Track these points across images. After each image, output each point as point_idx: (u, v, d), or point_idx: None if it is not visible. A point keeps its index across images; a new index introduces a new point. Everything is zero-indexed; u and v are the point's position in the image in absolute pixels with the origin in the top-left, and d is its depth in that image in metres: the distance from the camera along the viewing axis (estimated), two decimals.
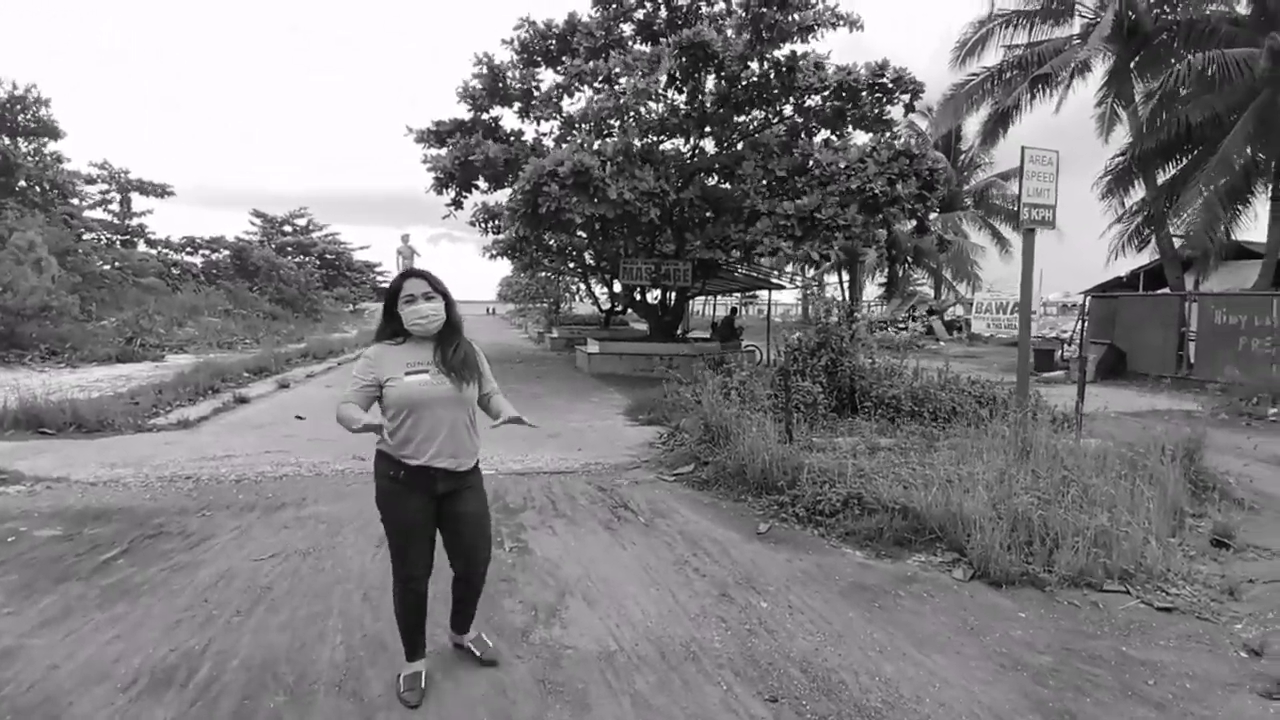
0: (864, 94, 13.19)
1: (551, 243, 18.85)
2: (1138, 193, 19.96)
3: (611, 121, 11.77)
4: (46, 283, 13.86)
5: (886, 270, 34.93)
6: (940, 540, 4.29)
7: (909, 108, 13.92)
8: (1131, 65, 19.52)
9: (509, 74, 13.85)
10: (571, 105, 14.29)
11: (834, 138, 13.59)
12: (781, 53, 11.55)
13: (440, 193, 14.60)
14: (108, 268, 23.12)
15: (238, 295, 28.68)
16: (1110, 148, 20.23)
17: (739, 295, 26.83)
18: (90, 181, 33.83)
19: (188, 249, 36.29)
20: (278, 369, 12.79)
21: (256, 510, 4.93)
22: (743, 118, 13.33)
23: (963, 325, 30.57)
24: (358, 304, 45.77)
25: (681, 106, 13.00)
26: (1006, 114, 19.51)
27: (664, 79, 11.61)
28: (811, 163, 11.68)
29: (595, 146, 10.91)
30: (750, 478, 5.39)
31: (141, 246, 34.12)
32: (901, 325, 33.20)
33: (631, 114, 11.70)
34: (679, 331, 17.11)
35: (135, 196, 35.62)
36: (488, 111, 14.91)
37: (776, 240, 10.58)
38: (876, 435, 6.63)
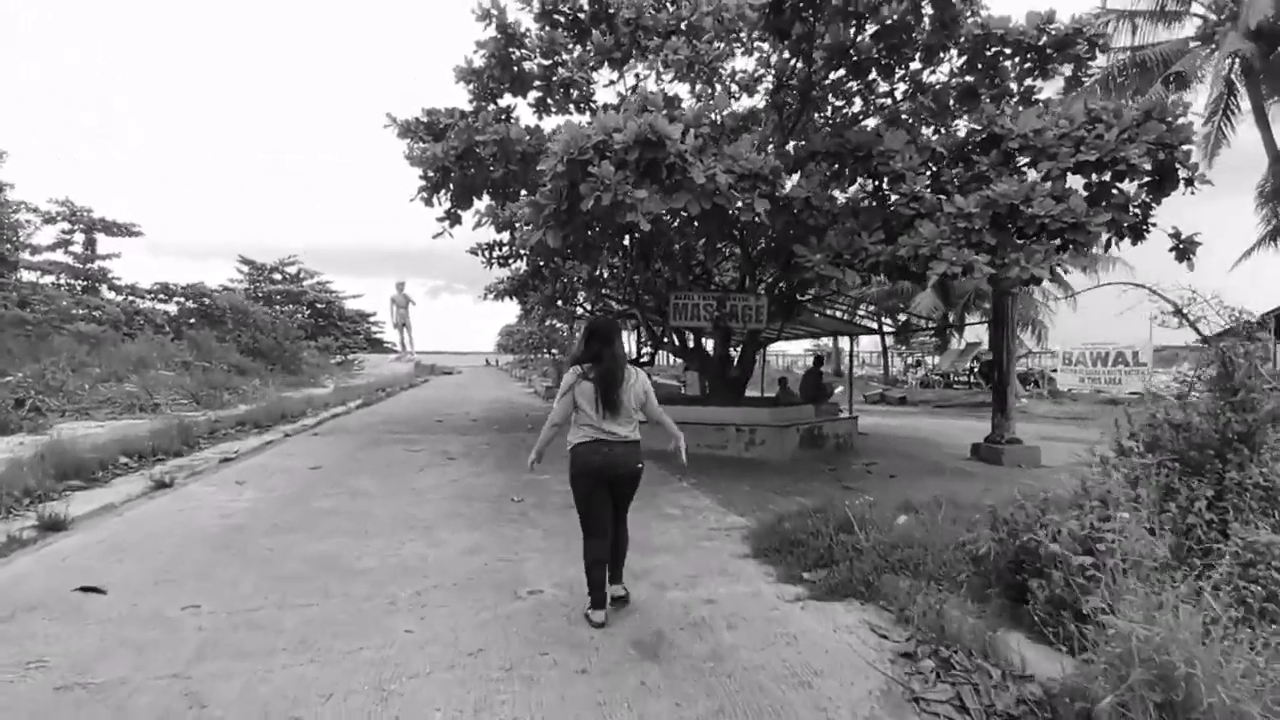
0: (1008, 62, 9.56)
1: (574, 275, 14.95)
2: None
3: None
4: None
5: (939, 312, 30.97)
6: None
7: (1075, 80, 10.17)
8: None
9: (526, 40, 10.10)
10: (609, 86, 10.59)
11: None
12: None
13: (430, 201, 10.66)
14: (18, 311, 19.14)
15: (201, 345, 24.72)
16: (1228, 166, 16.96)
17: (777, 343, 22.99)
18: (50, 220, 30.75)
19: (160, 295, 32.63)
20: (176, 449, 8.58)
21: None
22: (850, 86, 9.53)
23: (1038, 379, 26.47)
24: (348, 354, 41.68)
25: (770, 75, 9.19)
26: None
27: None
28: (980, 139, 7.77)
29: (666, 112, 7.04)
30: None
31: (106, 292, 30.78)
32: (964, 381, 29.12)
33: (711, 69, 7.90)
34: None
35: (101, 238, 32.44)
36: (496, 100, 11.12)
37: (964, 252, 6.54)
38: None
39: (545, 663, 3.07)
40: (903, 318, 23.56)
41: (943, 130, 10.02)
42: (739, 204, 6.94)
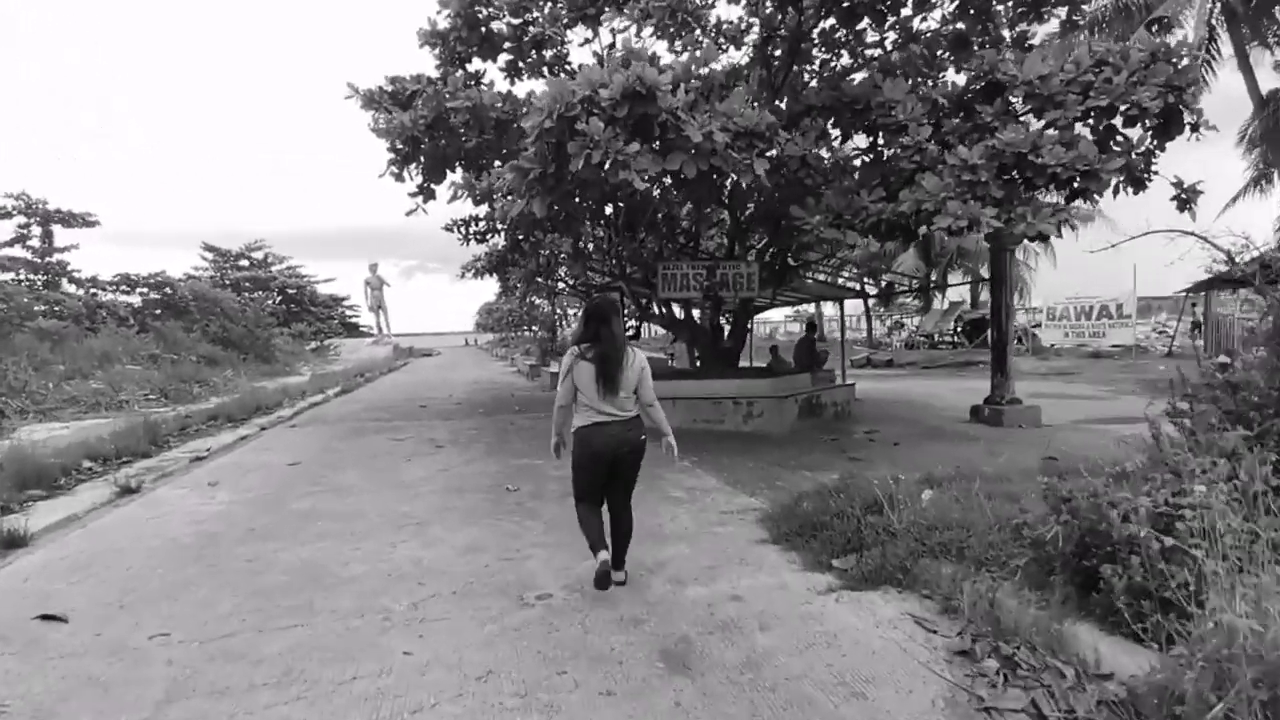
0: (1000, 6, 9.25)
1: (556, 249, 14.42)
2: None
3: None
4: None
5: (921, 273, 30.76)
6: None
7: (1070, 23, 9.83)
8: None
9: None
10: (585, 45, 10.04)
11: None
12: None
13: (401, 176, 10.07)
14: None
15: (168, 337, 23.84)
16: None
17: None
18: (6, 215, 29.53)
19: (122, 287, 31.48)
20: (144, 449, 8.07)
21: None
22: (840, 36, 9.08)
23: (1021, 336, 26.50)
24: (324, 340, 40.64)
25: (758, 25, 8.69)
26: None
27: None
28: (980, 87, 7.38)
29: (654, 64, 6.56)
30: None
31: (66, 285, 29.72)
32: (949, 341, 29.08)
33: (695, 18, 7.43)
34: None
35: (58, 230, 31.20)
36: (464, 65, 10.48)
37: (971, 206, 6.20)
38: None
39: (565, 684, 2.73)
40: (887, 279, 23.31)
41: (934, 82, 9.65)
42: (737, 165, 6.52)
